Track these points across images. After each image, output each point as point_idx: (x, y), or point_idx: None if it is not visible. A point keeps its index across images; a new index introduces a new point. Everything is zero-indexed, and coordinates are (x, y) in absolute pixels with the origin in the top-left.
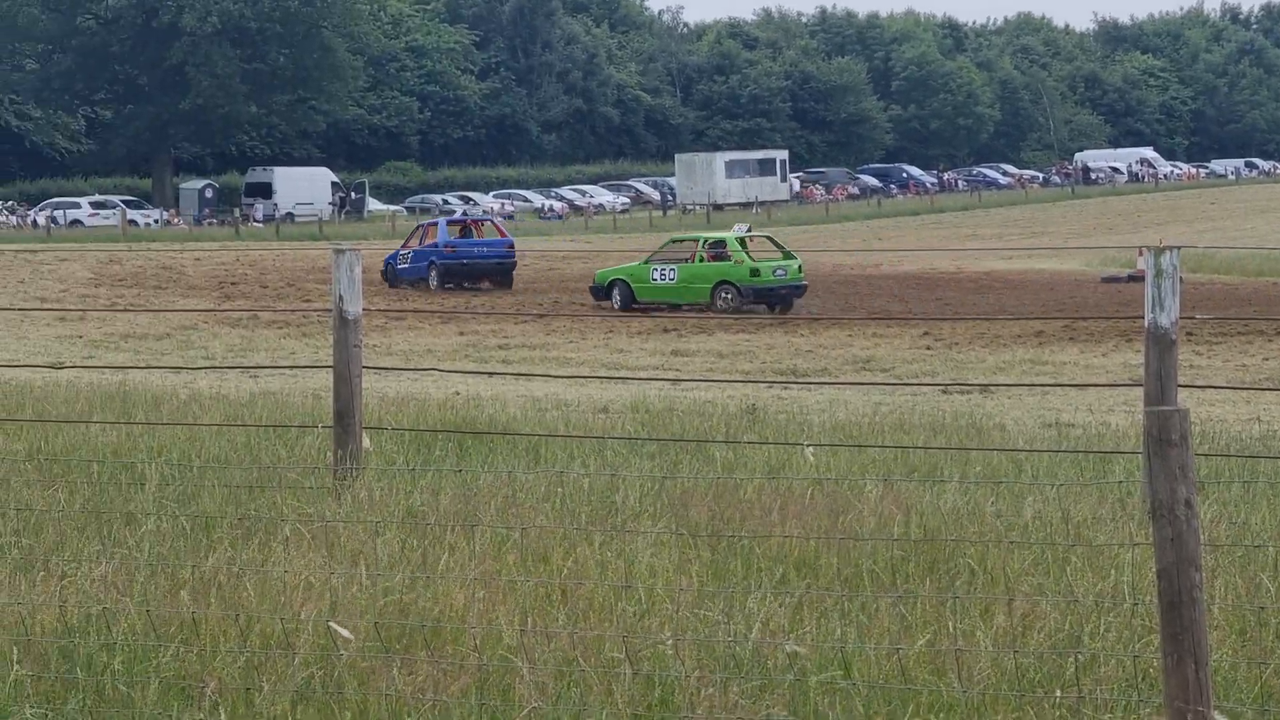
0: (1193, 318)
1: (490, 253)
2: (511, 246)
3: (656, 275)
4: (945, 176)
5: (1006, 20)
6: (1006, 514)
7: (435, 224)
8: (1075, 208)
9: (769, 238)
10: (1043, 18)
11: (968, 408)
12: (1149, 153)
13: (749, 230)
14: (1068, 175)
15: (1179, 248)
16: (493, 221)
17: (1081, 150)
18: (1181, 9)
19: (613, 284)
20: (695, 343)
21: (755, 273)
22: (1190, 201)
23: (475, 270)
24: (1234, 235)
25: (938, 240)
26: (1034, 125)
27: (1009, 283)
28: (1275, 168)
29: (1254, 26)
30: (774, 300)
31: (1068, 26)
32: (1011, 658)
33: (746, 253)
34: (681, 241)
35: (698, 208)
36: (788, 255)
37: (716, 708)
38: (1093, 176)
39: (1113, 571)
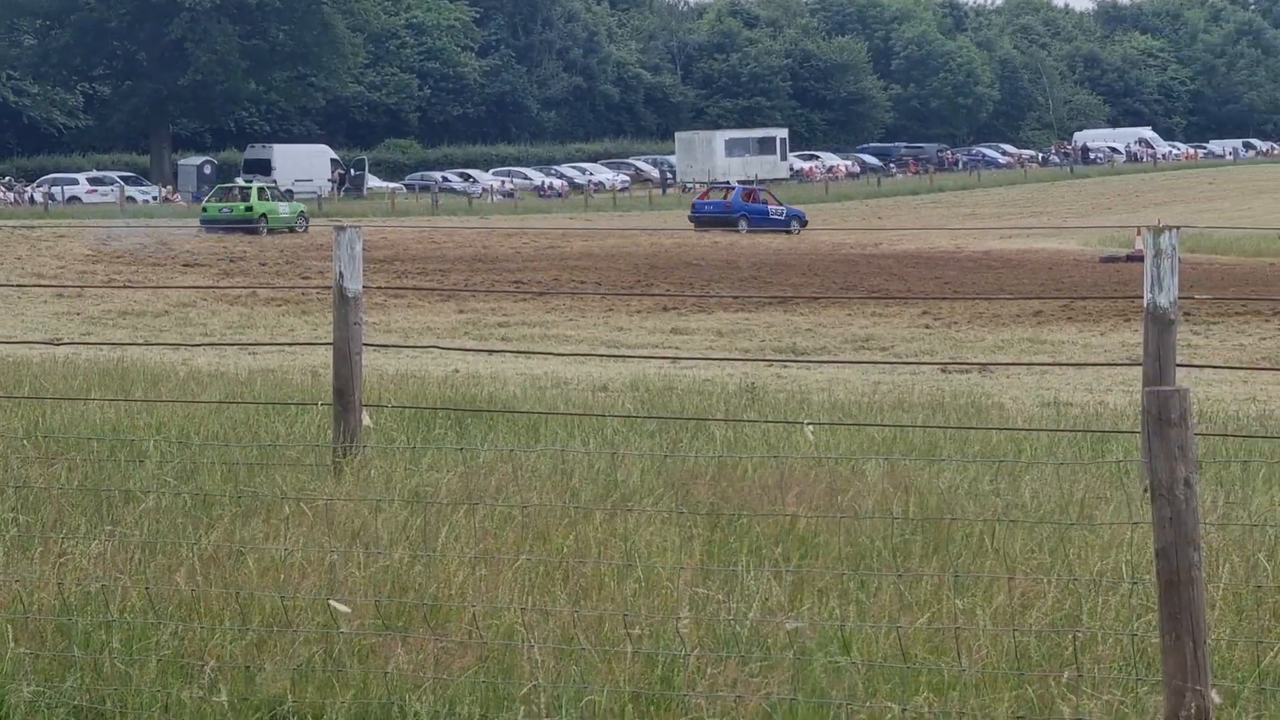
0: (1191, 298)
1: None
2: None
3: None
4: (945, 155)
5: (1006, 0)
6: (1006, 493)
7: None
8: (1074, 187)
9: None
10: None
11: (966, 387)
12: (1147, 133)
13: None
14: (1066, 155)
15: (1177, 228)
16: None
17: (1080, 130)
18: None
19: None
20: (695, 321)
21: (205, 209)
22: (1188, 182)
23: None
24: (1232, 216)
25: (937, 219)
26: (1033, 105)
27: (1008, 262)
28: (1273, 148)
29: (1252, 7)
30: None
31: (1067, 6)
32: (1011, 636)
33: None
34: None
35: (697, 185)
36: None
37: (718, 686)
38: (1091, 156)
39: (1112, 551)
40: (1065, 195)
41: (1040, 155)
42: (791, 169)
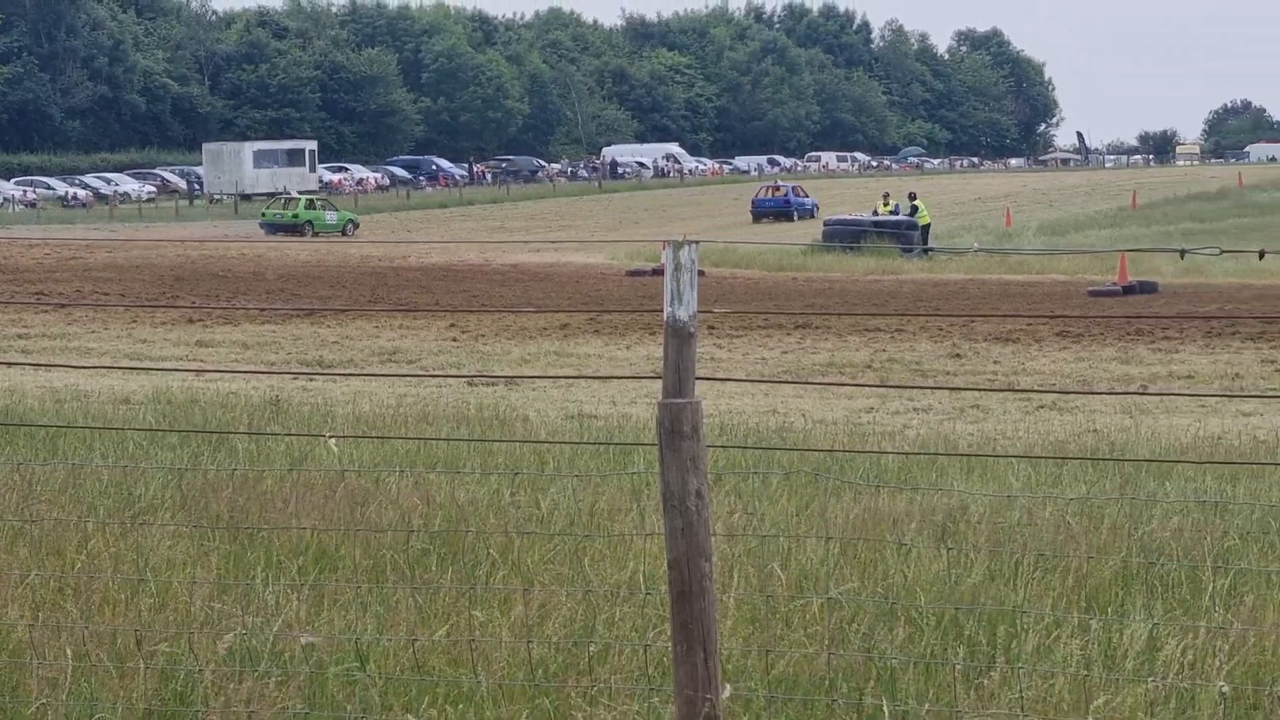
0: (710, 311)
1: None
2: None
3: None
4: (476, 169)
5: (537, 14)
6: (527, 505)
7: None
8: (602, 202)
9: None
10: (571, 13)
11: (492, 399)
12: (675, 148)
13: None
14: (595, 170)
15: (697, 242)
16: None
17: (609, 145)
18: (707, 7)
19: None
20: (220, 333)
21: (264, 215)
22: (713, 197)
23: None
24: (756, 230)
25: (465, 233)
26: (562, 119)
27: (535, 275)
28: (796, 164)
29: (777, 26)
30: None
31: (596, 22)
32: (528, 648)
33: None
34: None
35: (225, 197)
36: None
37: (233, 701)
38: (620, 171)
39: (630, 562)
40: (594, 210)
41: (569, 170)
42: (321, 181)
